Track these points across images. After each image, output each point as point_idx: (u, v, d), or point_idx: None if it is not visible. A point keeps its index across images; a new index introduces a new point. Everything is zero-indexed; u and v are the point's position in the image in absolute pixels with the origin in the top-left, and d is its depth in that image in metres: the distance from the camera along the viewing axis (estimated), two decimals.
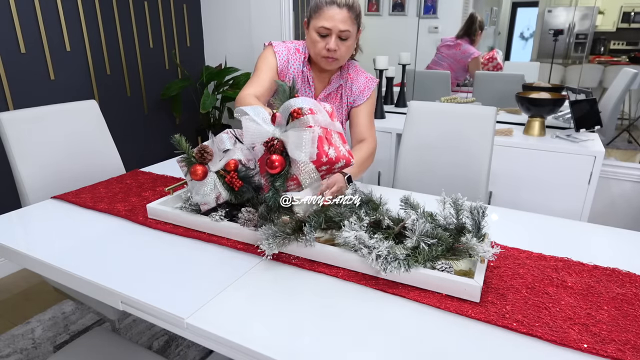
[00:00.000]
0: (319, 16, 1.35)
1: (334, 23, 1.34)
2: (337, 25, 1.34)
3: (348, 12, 1.34)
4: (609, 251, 1.09)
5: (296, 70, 1.50)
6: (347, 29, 1.35)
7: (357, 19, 1.38)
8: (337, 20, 1.33)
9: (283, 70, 1.49)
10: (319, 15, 1.35)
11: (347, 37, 1.37)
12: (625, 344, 0.75)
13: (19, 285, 2.27)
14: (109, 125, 1.88)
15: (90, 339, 1.15)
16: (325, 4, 1.34)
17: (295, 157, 0.94)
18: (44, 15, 2.28)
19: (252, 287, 0.93)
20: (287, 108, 0.96)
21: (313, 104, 0.97)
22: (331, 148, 0.95)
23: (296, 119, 0.93)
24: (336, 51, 1.38)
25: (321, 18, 1.35)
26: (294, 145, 0.93)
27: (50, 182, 1.62)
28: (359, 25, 1.41)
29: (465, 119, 1.70)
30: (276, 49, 1.48)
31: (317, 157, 0.93)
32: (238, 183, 1.13)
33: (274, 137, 0.96)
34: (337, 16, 1.33)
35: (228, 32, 3.08)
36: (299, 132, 0.93)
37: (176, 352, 1.80)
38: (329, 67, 1.44)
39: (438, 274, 0.89)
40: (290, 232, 1.00)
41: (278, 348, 0.75)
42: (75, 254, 1.07)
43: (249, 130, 0.98)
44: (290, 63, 1.50)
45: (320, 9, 1.35)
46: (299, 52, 1.50)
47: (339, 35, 1.36)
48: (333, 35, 1.35)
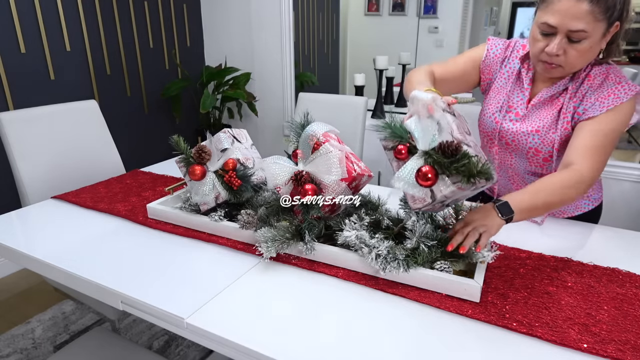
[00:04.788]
0: (546, 7, 1.02)
1: (562, 20, 0.99)
2: (567, 23, 0.98)
3: (590, 5, 0.96)
4: (609, 251, 1.09)
5: (512, 69, 1.22)
6: (582, 29, 0.98)
7: (608, 12, 0.98)
8: (569, 16, 0.98)
9: (491, 65, 1.25)
10: (546, 6, 1.02)
11: (582, 39, 1.00)
12: (625, 344, 0.75)
13: (19, 285, 2.27)
14: (109, 125, 1.88)
15: (90, 339, 1.15)
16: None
17: (326, 182, 0.99)
18: (44, 15, 2.28)
19: (252, 287, 0.93)
20: (305, 139, 1.03)
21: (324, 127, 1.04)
22: (354, 164, 1.03)
23: (316, 150, 1.01)
24: (559, 56, 1.04)
25: (547, 10, 1.01)
26: (323, 171, 1.00)
27: (50, 182, 1.62)
28: (611, 21, 1.00)
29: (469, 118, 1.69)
30: (490, 43, 1.25)
31: (348, 174, 0.99)
32: (237, 182, 1.13)
33: (301, 170, 1.02)
34: (570, 10, 0.97)
35: (228, 32, 3.08)
36: (324, 158, 0.99)
37: (176, 352, 1.80)
38: (547, 75, 1.12)
39: (438, 274, 0.89)
40: (289, 237, 1.00)
41: (278, 348, 0.75)
42: (75, 254, 1.07)
43: (273, 171, 1.04)
44: (508, 60, 1.23)
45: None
46: (524, 49, 1.20)
47: (569, 35, 1.00)
48: (559, 35, 1.01)
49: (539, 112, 1.17)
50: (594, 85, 1.09)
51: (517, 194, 0.97)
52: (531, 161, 1.20)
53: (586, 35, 0.99)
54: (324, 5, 3.73)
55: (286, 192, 1.04)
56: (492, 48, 1.25)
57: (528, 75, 1.18)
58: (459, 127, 0.87)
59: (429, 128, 0.86)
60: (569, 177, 1.01)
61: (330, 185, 0.99)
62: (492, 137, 1.25)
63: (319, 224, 1.02)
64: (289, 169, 1.04)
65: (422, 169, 0.85)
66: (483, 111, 1.28)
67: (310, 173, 1.02)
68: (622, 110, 1.05)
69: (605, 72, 1.10)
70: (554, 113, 1.14)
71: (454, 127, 0.85)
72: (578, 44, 1.01)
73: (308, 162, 1.03)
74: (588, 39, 1.00)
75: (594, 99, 1.08)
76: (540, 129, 1.15)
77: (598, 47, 1.03)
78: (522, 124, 1.18)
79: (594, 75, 1.10)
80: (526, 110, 1.18)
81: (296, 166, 1.05)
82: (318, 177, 1.01)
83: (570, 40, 1.01)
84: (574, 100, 1.11)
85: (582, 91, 1.11)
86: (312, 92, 2.20)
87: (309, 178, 1.01)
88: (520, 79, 1.20)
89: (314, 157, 1.02)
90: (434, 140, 0.86)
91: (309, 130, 1.03)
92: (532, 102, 1.17)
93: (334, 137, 1.05)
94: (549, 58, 1.05)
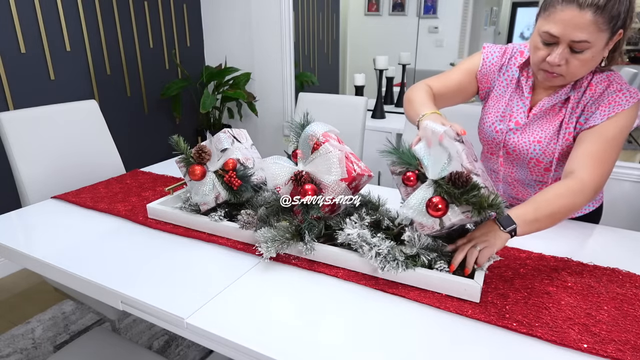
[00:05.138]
0: (548, 16, 0.98)
1: (564, 30, 0.96)
2: (569, 33, 0.95)
3: (594, 15, 0.93)
4: (609, 251, 1.09)
5: (510, 77, 1.20)
6: (585, 39, 0.95)
7: (612, 22, 0.95)
8: (572, 26, 0.94)
9: (488, 74, 1.23)
10: (549, 14, 0.98)
11: (584, 49, 0.97)
12: (625, 344, 0.75)
13: (19, 285, 2.27)
14: (109, 125, 1.88)
15: (90, 339, 1.15)
16: (561, 1, 0.96)
17: (326, 182, 0.99)
18: (44, 15, 2.28)
19: (252, 287, 0.93)
20: (304, 139, 1.03)
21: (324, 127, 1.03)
22: (354, 164, 1.03)
23: (316, 150, 1.01)
24: (560, 66, 1.01)
25: (549, 19, 0.98)
26: (323, 171, 1.00)
27: (50, 182, 1.62)
28: (615, 30, 0.97)
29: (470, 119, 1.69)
30: (485, 52, 1.23)
31: (347, 174, 0.99)
32: (237, 182, 1.13)
33: (300, 170, 1.02)
34: (573, 20, 0.94)
35: (228, 32, 3.08)
36: (324, 158, 0.99)
37: (176, 352, 1.80)
38: (548, 83, 1.09)
39: (438, 274, 0.89)
40: (289, 237, 1.00)
41: (278, 348, 0.75)
42: (75, 254, 1.07)
43: (273, 171, 1.03)
44: (506, 68, 1.21)
45: (553, 6, 0.97)
46: (522, 55, 1.18)
47: (571, 45, 0.98)
48: (561, 45, 0.98)
49: (540, 122, 1.16)
50: (595, 94, 1.08)
51: (520, 206, 0.95)
52: (532, 171, 1.20)
53: (589, 46, 0.96)
54: (324, 5, 3.72)
55: (286, 192, 1.04)
56: (489, 56, 1.23)
57: (528, 83, 1.16)
58: (467, 157, 0.87)
59: (439, 157, 0.87)
60: (571, 186, 0.99)
61: (330, 186, 0.99)
62: (493, 146, 1.25)
63: (318, 224, 1.02)
64: (288, 169, 1.04)
65: (433, 199, 0.85)
66: (482, 120, 1.27)
67: (310, 173, 1.02)
68: (624, 117, 1.04)
69: (607, 80, 1.08)
70: (555, 124, 1.13)
71: (463, 157, 0.86)
72: (580, 54, 0.98)
73: (308, 162, 1.03)
74: (591, 49, 0.97)
75: (595, 108, 1.07)
76: (542, 139, 1.14)
77: (600, 55, 1.01)
78: (523, 134, 1.17)
79: (595, 84, 1.08)
80: (527, 120, 1.17)
81: (296, 166, 1.05)
82: (318, 177, 1.01)
83: (573, 51, 0.98)
84: (576, 111, 1.10)
85: (584, 101, 1.09)
86: (312, 92, 2.20)
87: (308, 178, 1.01)
88: (520, 87, 1.18)
89: (313, 157, 1.02)
90: (444, 169, 0.86)
91: (308, 130, 1.03)
92: (533, 111, 1.15)
93: (334, 137, 1.05)
94: (550, 67, 1.03)
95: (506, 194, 1.32)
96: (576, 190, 0.99)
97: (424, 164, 0.90)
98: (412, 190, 0.92)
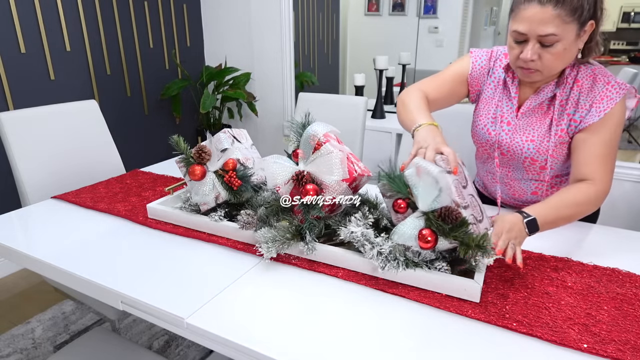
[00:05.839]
0: (515, 16, 1.05)
1: (530, 26, 1.01)
2: (535, 28, 1.01)
3: (555, 9, 0.98)
4: (609, 251, 1.09)
5: (497, 79, 1.24)
6: (552, 33, 0.99)
7: (576, 13, 0.99)
8: (536, 21, 1.00)
9: (478, 77, 1.26)
10: (515, 15, 1.05)
11: (554, 42, 1.02)
12: (625, 344, 0.75)
13: (19, 285, 2.28)
14: (109, 125, 1.89)
15: (90, 339, 1.15)
16: (523, 1, 1.02)
17: (327, 182, 0.99)
18: (44, 15, 2.28)
19: (252, 287, 0.93)
20: (306, 139, 1.03)
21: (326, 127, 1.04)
22: (354, 164, 1.03)
23: (317, 150, 1.01)
24: (534, 61, 1.06)
25: (516, 19, 1.04)
26: (325, 171, 1.00)
27: (50, 182, 1.62)
28: (582, 21, 1.01)
29: (464, 120, 1.70)
30: (474, 56, 1.27)
31: (349, 174, 0.99)
32: (237, 182, 1.13)
33: (302, 170, 1.02)
34: (536, 16, 1.00)
35: (228, 32, 3.08)
36: (326, 158, 1.00)
37: (176, 352, 1.80)
38: (527, 80, 1.13)
39: (438, 274, 0.89)
40: (290, 237, 1.00)
41: (278, 348, 0.75)
42: (75, 254, 1.07)
43: (273, 171, 1.03)
44: (492, 71, 1.25)
45: (517, 7, 1.04)
46: (506, 57, 1.22)
47: (540, 40, 1.02)
48: (531, 41, 1.03)
49: (530, 121, 1.18)
50: (584, 89, 1.11)
51: (542, 208, 1.01)
52: (528, 170, 1.22)
53: (557, 39, 1.00)
54: (324, 5, 3.73)
55: (286, 192, 1.04)
56: (477, 60, 1.26)
57: (514, 83, 1.20)
58: (457, 188, 0.88)
59: (429, 190, 0.88)
60: (588, 192, 1.07)
61: (331, 186, 0.99)
62: (487, 148, 1.27)
63: (319, 223, 1.02)
64: (289, 169, 1.04)
65: (423, 231, 0.87)
66: (475, 123, 1.29)
67: (311, 173, 1.02)
68: (617, 112, 1.08)
69: (592, 74, 1.11)
70: (546, 122, 1.16)
71: (452, 190, 0.87)
72: (551, 48, 1.02)
73: (309, 162, 1.03)
74: (561, 42, 1.01)
75: (589, 104, 1.09)
76: (535, 138, 1.16)
77: (574, 47, 1.04)
78: (515, 134, 1.19)
79: (581, 79, 1.11)
80: (516, 119, 1.19)
81: (296, 166, 1.05)
82: (319, 178, 1.01)
83: (543, 45, 1.03)
84: (567, 108, 1.13)
85: (573, 97, 1.12)
86: (312, 92, 2.20)
87: (310, 178, 1.01)
88: (507, 87, 1.22)
89: (315, 157, 1.02)
90: (434, 203, 0.88)
91: (310, 130, 1.03)
92: (521, 111, 1.19)
93: (334, 137, 1.05)
94: (525, 64, 1.07)
95: (505, 194, 1.32)
96: (593, 197, 1.07)
97: (414, 194, 0.91)
98: (403, 217, 0.93)
